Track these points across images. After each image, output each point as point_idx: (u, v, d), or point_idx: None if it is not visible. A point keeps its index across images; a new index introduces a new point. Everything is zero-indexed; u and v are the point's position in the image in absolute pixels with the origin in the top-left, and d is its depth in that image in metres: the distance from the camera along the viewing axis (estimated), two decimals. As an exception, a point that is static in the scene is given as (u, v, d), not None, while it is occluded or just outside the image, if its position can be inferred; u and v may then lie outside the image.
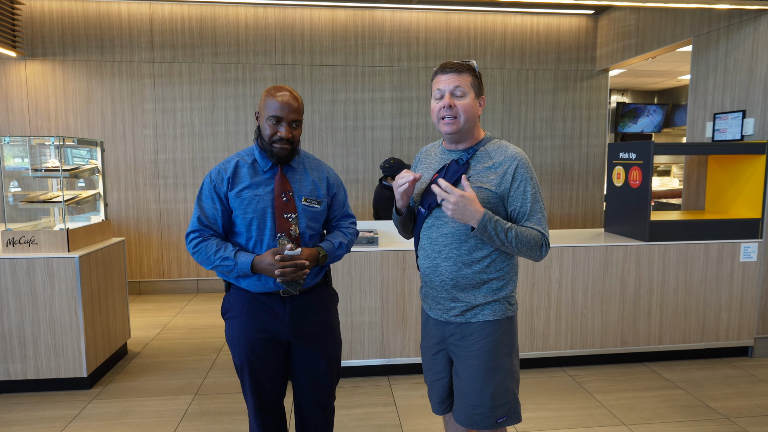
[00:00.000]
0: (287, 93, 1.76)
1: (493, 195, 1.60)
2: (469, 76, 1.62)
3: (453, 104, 1.61)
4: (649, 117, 7.70)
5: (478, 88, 1.65)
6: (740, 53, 3.83)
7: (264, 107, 1.77)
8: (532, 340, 3.40)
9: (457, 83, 1.61)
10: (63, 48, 5.08)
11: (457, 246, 1.64)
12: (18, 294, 3.01)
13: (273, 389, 1.90)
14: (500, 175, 1.60)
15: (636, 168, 3.54)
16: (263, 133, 1.78)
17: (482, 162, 1.63)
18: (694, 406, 2.96)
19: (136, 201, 5.33)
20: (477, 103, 1.65)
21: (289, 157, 1.80)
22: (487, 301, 1.65)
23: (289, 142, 1.76)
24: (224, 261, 1.74)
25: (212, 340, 4.05)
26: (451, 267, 1.65)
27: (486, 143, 1.67)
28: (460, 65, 1.63)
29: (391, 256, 3.25)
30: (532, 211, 1.62)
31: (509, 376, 1.68)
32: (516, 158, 1.62)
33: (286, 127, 1.75)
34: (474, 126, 1.66)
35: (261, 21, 5.29)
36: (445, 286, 1.68)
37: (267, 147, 1.78)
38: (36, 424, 2.74)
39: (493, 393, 1.65)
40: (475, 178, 1.62)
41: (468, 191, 1.53)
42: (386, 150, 5.57)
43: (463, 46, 5.58)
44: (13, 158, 3.29)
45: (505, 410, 1.68)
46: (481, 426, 1.68)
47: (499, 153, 1.63)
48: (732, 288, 3.55)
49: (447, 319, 1.70)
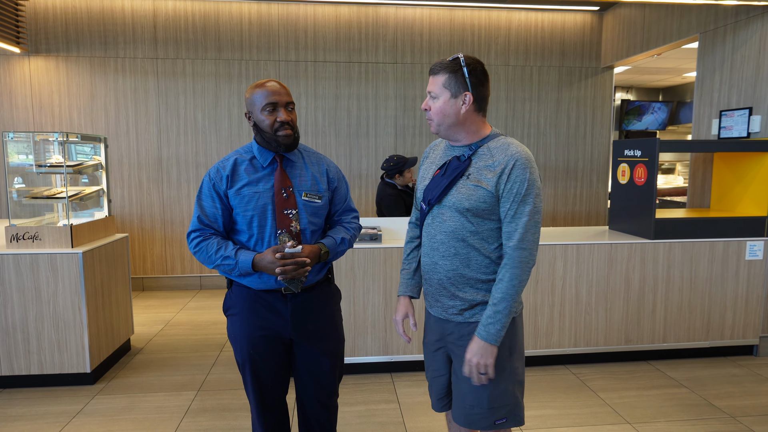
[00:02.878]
0: (272, 81, 1.76)
1: (488, 194, 1.56)
2: (444, 76, 1.57)
3: (428, 107, 1.62)
4: (654, 114, 7.65)
5: (457, 85, 1.57)
6: (747, 50, 3.80)
7: (253, 102, 1.75)
8: (535, 337, 3.39)
9: (429, 87, 1.62)
10: (67, 44, 5.08)
11: (454, 244, 1.61)
12: (22, 289, 3.02)
13: (275, 386, 1.90)
14: (497, 174, 1.55)
15: (641, 165, 3.52)
16: (262, 126, 1.75)
17: (483, 159, 1.59)
18: (699, 404, 2.94)
19: (140, 197, 5.33)
20: (454, 102, 1.58)
21: (294, 143, 1.79)
22: (485, 300, 1.63)
23: (290, 126, 1.75)
24: (225, 260, 1.73)
25: (215, 336, 4.05)
26: (448, 265, 1.63)
27: (490, 140, 1.62)
28: (436, 66, 1.60)
29: (394, 253, 3.24)
30: (516, 214, 1.54)
31: (509, 378, 1.64)
32: (515, 157, 1.55)
33: (284, 110, 1.74)
34: (459, 124, 1.61)
35: (264, 17, 5.28)
36: (443, 285, 1.66)
37: (271, 138, 1.76)
38: (40, 419, 2.75)
39: (491, 394, 1.63)
40: (475, 175, 1.58)
41: (470, 361, 1.57)
42: (390, 146, 5.55)
43: (467, 43, 5.56)
44: (17, 154, 3.29)
45: (504, 412, 1.65)
46: (479, 426, 1.66)
47: (500, 151, 1.58)
48: (737, 286, 3.53)
49: (446, 318, 1.69)
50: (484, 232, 1.60)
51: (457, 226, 1.60)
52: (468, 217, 1.58)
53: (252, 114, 1.78)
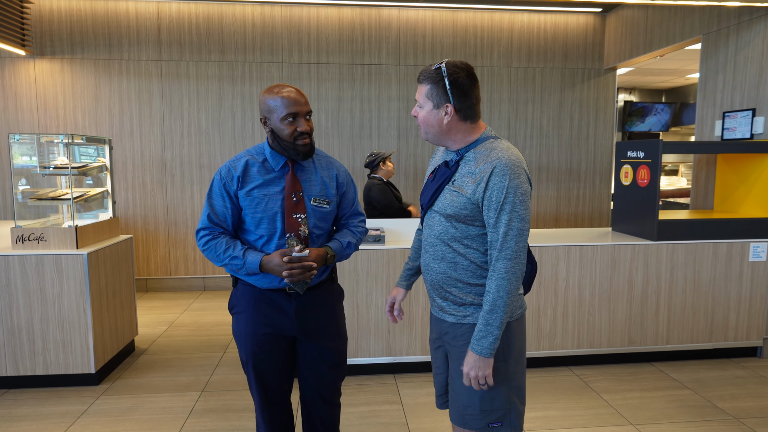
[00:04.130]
0: (291, 89, 1.76)
1: (467, 201, 1.54)
2: (427, 86, 1.57)
3: (416, 114, 1.63)
4: (657, 116, 7.65)
5: (439, 97, 1.55)
6: (750, 51, 3.80)
7: (272, 109, 1.74)
8: (538, 339, 3.39)
9: (416, 95, 1.63)
10: (71, 46, 5.11)
11: (441, 248, 1.63)
12: (27, 290, 3.03)
13: (279, 385, 1.91)
14: (476, 182, 1.52)
15: (644, 167, 3.52)
16: (281, 134, 1.75)
17: (468, 165, 1.57)
18: (703, 406, 2.94)
19: (144, 199, 5.35)
20: (437, 113, 1.56)
21: (311, 151, 1.81)
22: (475, 302, 1.62)
23: (309, 135, 1.78)
24: (233, 260, 1.75)
25: (219, 337, 4.06)
26: (437, 268, 1.65)
27: (478, 144, 1.59)
28: (421, 74, 1.59)
29: (397, 255, 3.25)
30: (497, 223, 1.50)
31: (503, 382, 1.62)
32: (493, 164, 1.49)
33: (304, 120, 1.76)
34: (444, 133, 1.60)
35: (268, 19, 5.30)
36: (434, 285, 1.68)
37: (290, 147, 1.76)
38: (45, 420, 2.76)
39: (482, 397, 1.62)
40: (458, 182, 1.57)
41: (468, 374, 1.56)
42: (392, 148, 5.56)
43: (470, 45, 5.57)
44: (22, 156, 3.32)
45: (498, 416, 1.63)
46: (473, 427, 1.65)
47: (482, 157, 1.55)
48: (741, 288, 3.52)
49: (441, 317, 1.71)
50: (469, 238, 1.59)
51: (442, 231, 1.62)
52: (452, 222, 1.59)
53: (269, 120, 1.77)
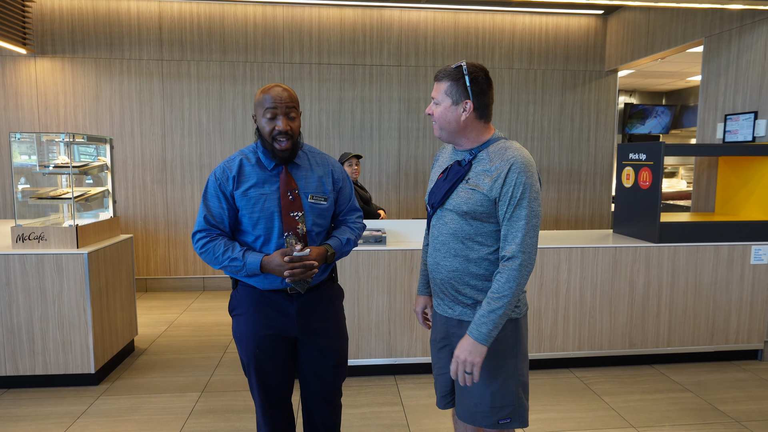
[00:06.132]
0: (278, 86, 1.76)
1: (484, 198, 1.58)
2: (447, 83, 1.62)
3: (431, 112, 1.68)
4: (657, 118, 7.65)
5: (458, 93, 1.61)
6: (753, 54, 3.80)
7: (258, 106, 1.76)
8: (539, 340, 3.38)
9: (433, 92, 1.67)
10: (72, 45, 5.11)
11: (454, 246, 1.65)
12: (27, 290, 3.02)
13: (280, 386, 1.90)
14: (494, 179, 1.57)
15: (646, 169, 3.52)
16: (263, 132, 1.76)
17: (482, 164, 1.62)
18: (704, 409, 2.93)
19: (144, 198, 5.34)
20: (455, 109, 1.61)
21: (290, 156, 1.77)
22: None
23: (288, 136, 1.73)
24: (233, 262, 1.73)
25: (219, 337, 4.05)
26: (449, 266, 1.66)
27: (490, 144, 1.65)
28: (440, 73, 1.65)
29: (398, 256, 3.24)
30: (513, 218, 1.55)
31: (512, 378, 1.67)
32: (510, 161, 1.56)
33: (283, 119, 1.73)
34: (460, 130, 1.64)
35: (269, 20, 5.30)
36: (445, 284, 1.69)
37: (269, 146, 1.76)
38: (44, 420, 2.75)
39: (494, 393, 1.65)
40: (473, 179, 1.61)
41: (458, 357, 1.57)
42: (393, 149, 5.56)
43: (471, 46, 5.57)
44: (22, 155, 3.31)
45: (508, 412, 1.67)
46: (483, 424, 1.68)
47: (497, 155, 1.60)
48: (742, 291, 3.52)
49: (450, 316, 1.72)
50: (483, 235, 1.62)
51: (456, 228, 1.64)
52: (467, 219, 1.62)
53: (256, 119, 1.79)
